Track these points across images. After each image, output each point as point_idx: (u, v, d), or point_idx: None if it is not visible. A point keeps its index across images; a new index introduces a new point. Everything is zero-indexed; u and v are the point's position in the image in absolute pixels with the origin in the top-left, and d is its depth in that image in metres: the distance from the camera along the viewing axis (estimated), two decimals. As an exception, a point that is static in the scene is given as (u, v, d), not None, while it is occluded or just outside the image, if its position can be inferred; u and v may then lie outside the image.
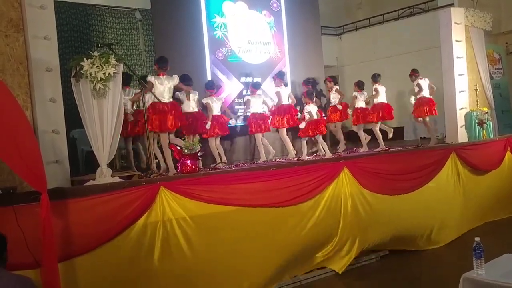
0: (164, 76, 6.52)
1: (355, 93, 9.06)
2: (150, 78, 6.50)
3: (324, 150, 8.40)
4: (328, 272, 6.30)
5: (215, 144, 7.71)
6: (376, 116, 8.87)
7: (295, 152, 8.59)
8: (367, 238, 6.57)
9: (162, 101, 6.35)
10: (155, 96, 6.29)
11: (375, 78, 9.01)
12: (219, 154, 7.77)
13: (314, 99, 8.59)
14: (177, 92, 7.10)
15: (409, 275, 6.19)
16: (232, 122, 8.59)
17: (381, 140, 9.02)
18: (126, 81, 6.93)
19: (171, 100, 6.54)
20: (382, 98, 8.96)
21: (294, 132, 8.99)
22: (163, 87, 6.46)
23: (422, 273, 6.23)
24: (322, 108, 9.49)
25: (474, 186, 8.06)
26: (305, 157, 8.30)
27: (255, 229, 5.47)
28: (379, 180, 6.73)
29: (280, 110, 8.36)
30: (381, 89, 8.99)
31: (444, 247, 7.26)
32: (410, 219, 6.99)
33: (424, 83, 8.93)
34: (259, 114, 8.22)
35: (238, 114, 9.05)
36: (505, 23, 11.24)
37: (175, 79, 6.58)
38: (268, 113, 8.57)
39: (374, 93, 8.95)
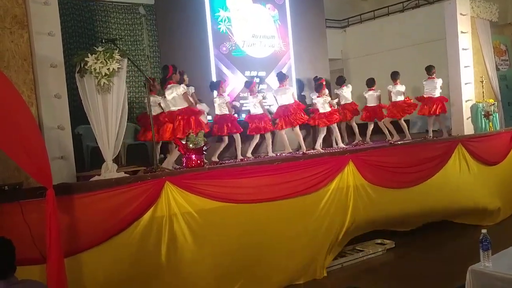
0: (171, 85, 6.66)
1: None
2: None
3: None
4: (335, 266, 6.31)
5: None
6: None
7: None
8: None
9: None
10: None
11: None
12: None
13: (321, 92, 8.63)
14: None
15: (415, 268, 6.19)
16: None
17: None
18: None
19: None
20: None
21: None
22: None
23: (428, 265, 6.22)
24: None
25: (487, 177, 8.06)
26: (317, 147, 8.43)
27: (260, 223, 5.48)
28: (384, 173, 6.72)
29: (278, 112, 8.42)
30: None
31: (451, 239, 7.25)
32: (417, 212, 7.00)
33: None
34: (255, 116, 8.20)
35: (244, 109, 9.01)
36: (511, 14, 11.13)
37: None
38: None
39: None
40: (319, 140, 8.64)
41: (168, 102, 6.70)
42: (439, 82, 8.87)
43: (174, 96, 6.59)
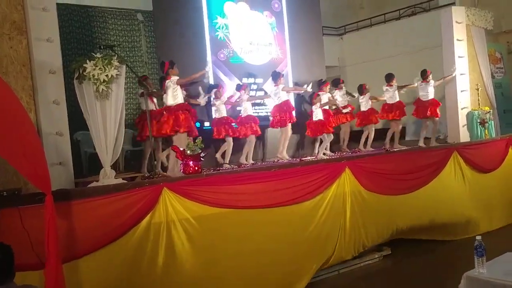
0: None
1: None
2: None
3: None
4: (331, 272, 6.33)
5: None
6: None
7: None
8: (368, 237, 6.61)
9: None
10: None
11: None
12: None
13: (315, 100, 8.57)
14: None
15: (412, 274, 6.22)
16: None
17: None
18: None
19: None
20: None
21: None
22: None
23: (424, 272, 6.25)
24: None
25: (481, 185, 8.12)
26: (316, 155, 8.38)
27: (258, 229, 5.50)
28: (381, 180, 6.76)
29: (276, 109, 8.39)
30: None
31: (447, 246, 7.28)
32: (412, 219, 7.03)
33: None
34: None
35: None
36: (506, 22, 11.21)
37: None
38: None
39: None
40: (316, 148, 8.54)
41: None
42: (431, 83, 8.84)
43: (169, 91, 6.59)
